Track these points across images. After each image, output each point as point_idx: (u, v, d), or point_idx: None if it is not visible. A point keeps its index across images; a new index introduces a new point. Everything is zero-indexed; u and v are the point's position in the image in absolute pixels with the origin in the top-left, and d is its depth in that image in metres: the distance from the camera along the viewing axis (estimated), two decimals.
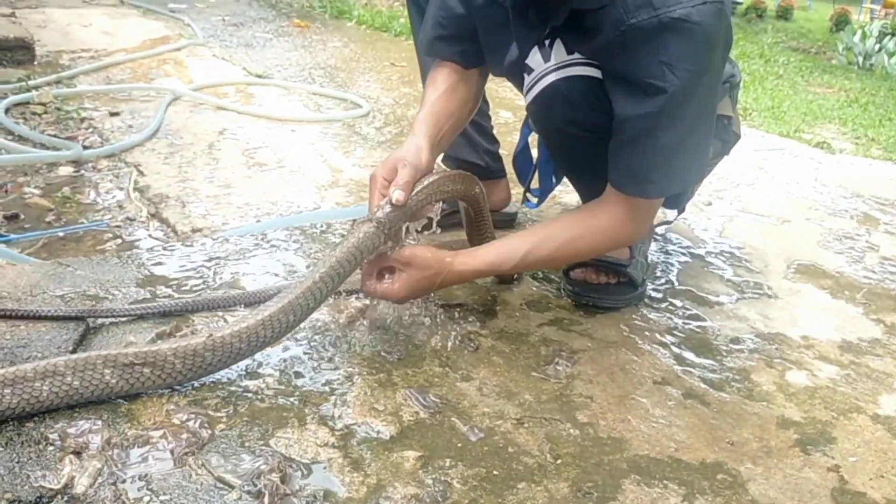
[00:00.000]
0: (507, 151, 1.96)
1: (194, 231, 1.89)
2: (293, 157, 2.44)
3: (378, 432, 1.13)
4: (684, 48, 1.21)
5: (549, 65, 1.35)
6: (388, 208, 1.27)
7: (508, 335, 1.42)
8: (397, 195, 1.25)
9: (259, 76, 3.40)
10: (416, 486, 1.03)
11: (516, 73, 1.41)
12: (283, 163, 2.39)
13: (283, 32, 4.65)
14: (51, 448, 1.03)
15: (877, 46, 8.02)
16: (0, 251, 1.57)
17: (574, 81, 1.34)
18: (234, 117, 2.81)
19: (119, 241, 1.86)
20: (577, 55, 1.33)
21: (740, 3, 11.96)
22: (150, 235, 1.90)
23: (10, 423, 1.06)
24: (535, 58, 1.36)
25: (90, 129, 2.56)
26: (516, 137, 2.75)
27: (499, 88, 3.29)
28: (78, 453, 1.03)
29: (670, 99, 1.23)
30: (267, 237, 1.75)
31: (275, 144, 2.55)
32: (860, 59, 7.98)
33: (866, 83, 6.40)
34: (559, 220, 1.50)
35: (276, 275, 1.57)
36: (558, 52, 1.34)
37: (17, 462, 1.00)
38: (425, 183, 1.31)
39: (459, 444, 1.12)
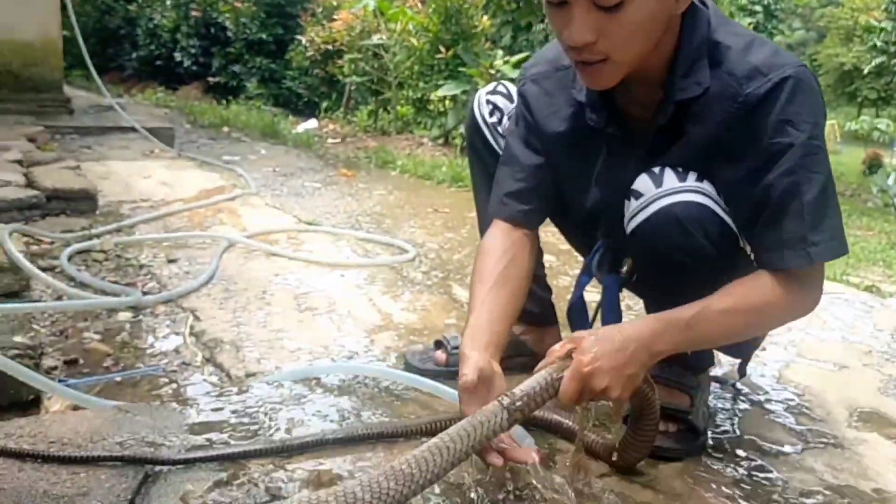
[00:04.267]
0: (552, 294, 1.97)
1: (248, 376, 1.90)
2: (343, 302, 2.48)
3: None
4: (800, 103, 1.30)
5: (662, 190, 1.37)
6: (520, 402, 1.24)
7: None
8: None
9: (309, 223, 3.52)
10: None
11: (604, 208, 1.46)
12: (333, 307, 2.43)
13: (331, 181, 4.85)
14: None
15: None
16: (68, 392, 1.59)
17: (690, 207, 1.36)
18: (286, 263, 2.89)
19: (175, 385, 1.89)
20: (690, 182, 1.37)
21: None
22: (204, 380, 1.92)
23: None
24: (643, 183, 1.39)
25: (149, 276, 2.65)
26: (562, 281, 2.79)
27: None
28: None
29: (802, 151, 1.30)
30: (320, 382, 1.76)
31: (325, 289, 2.61)
32: None
33: None
34: (740, 293, 1.36)
35: (332, 420, 1.57)
36: (670, 179, 1.38)
37: None
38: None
39: None
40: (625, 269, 1.50)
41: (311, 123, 8.23)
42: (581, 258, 1.80)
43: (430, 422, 1.51)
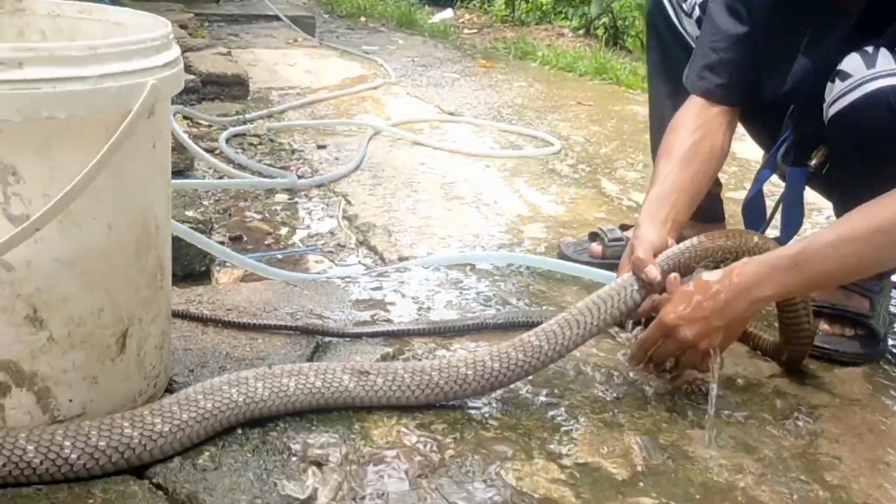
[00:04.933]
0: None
1: (401, 259, 1.93)
2: (489, 192, 2.46)
3: (610, 474, 1.08)
4: None
5: (874, 71, 1.24)
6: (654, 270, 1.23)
7: (738, 385, 1.34)
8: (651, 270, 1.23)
9: (451, 114, 3.49)
10: None
11: (802, 88, 1.34)
12: (479, 197, 2.41)
13: (469, 72, 4.76)
14: (294, 458, 1.06)
15: None
16: (248, 262, 1.68)
17: None
18: (430, 152, 2.88)
19: (331, 266, 1.94)
20: None
21: None
22: (359, 262, 1.97)
23: (256, 431, 1.11)
24: (853, 63, 1.26)
25: (301, 161, 2.72)
26: (730, 180, 2.65)
27: None
28: (319, 465, 1.06)
29: None
30: (475, 269, 1.77)
31: (471, 179, 2.59)
32: None
33: None
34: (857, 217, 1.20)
35: (489, 306, 1.57)
36: (885, 60, 1.24)
37: (265, 469, 1.04)
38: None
39: (698, 496, 1.06)
40: (814, 160, 1.38)
41: (447, 13, 8.05)
42: (762, 152, 1.68)
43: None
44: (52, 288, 0.96)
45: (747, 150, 2.73)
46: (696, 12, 1.58)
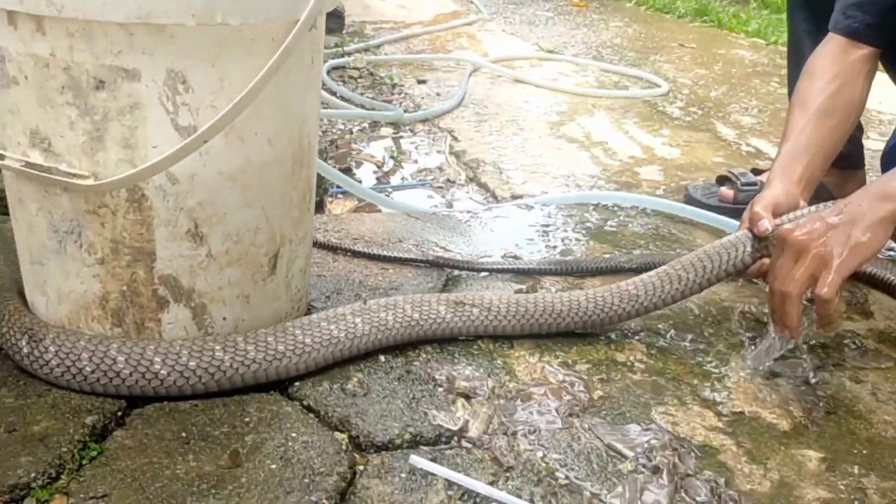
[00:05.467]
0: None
1: (514, 197, 1.88)
2: (598, 132, 2.37)
3: (769, 425, 1.03)
4: None
5: None
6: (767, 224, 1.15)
7: (892, 339, 1.26)
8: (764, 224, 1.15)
9: (550, 52, 3.38)
10: (827, 489, 0.93)
11: None
12: (589, 137, 2.33)
13: (563, 11, 4.61)
14: (440, 389, 1.04)
15: None
16: (374, 195, 1.66)
17: None
18: (532, 90, 2.80)
19: (442, 200, 1.91)
20: None
21: None
22: (471, 198, 1.92)
23: (399, 360, 1.09)
24: None
25: (402, 95, 2.67)
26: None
27: None
28: (467, 397, 1.03)
29: None
30: (598, 208, 1.70)
31: (578, 119, 2.51)
32: None
33: None
34: None
35: (621, 248, 1.52)
36: None
37: (413, 398, 1.02)
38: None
39: (865, 452, 1.00)
40: None
41: None
42: None
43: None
44: (214, 202, 0.94)
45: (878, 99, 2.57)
46: None
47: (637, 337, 1.20)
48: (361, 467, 0.91)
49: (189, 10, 0.83)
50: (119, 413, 0.95)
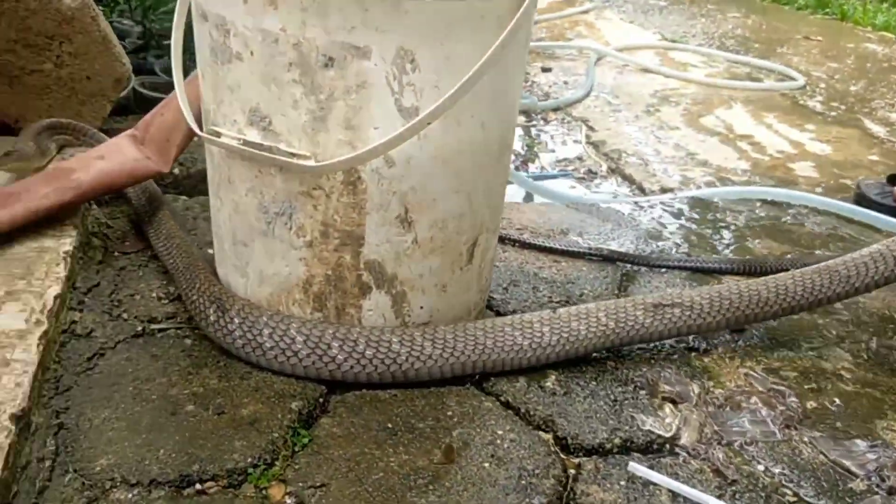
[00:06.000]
0: None
1: (663, 190, 1.80)
2: (740, 125, 2.27)
3: None
4: None
5: None
6: None
7: None
8: None
9: (674, 41, 3.26)
10: None
11: None
12: (731, 130, 2.23)
13: (675, 1, 4.46)
14: (642, 392, 0.99)
15: None
16: (527, 182, 1.61)
17: None
18: (662, 80, 2.70)
19: (586, 191, 1.85)
20: None
21: None
22: (615, 190, 1.86)
23: (590, 362, 1.04)
24: None
25: (528, 83, 2.61)
26: None
27: None
28: (674, 403, 0.97)
29: None
30: (766, 205, 1.62)
31: (715, 111, 2.40)
32: None
33: None
34: None
35: (800, 248, 1.43)
36: None
37: (615, 400, 0.97)
38: None
39: None
40: None
41: None
42: None
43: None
44: (426, 187, 0.90)
45: None
46: None
47: (841, 345, 1.12)
48: (573, 471, 0.86)
49: None
50: (321, 399, 0.93)
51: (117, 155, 1.13)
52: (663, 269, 1.30)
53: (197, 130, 0.93)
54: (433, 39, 0.83)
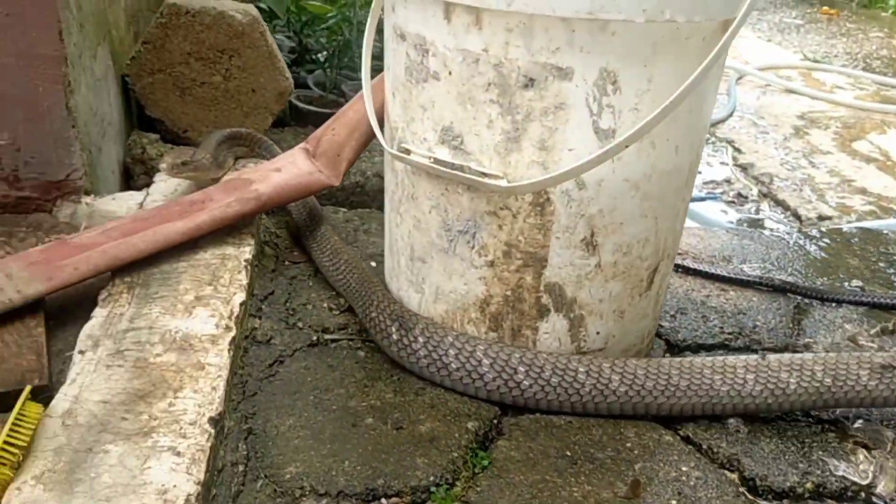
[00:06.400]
0: None
1: (821, 219, 1.71)
2: None
3: None
4: None
5: None
6: None
7: None
8: None
9: (816, 61, 3.12)
10: None
11: None
12: (888, 157, 2.10)
13: (812, 19, 4.28)
14: (831, 434, 0.93)
15: None
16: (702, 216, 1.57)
17: None
18: (808, 102, 2.58)
19: (738, 216, 1.78)
20: None
21: None
22: (769, 216, 1.78)
23: None
24: None
25: None
26: None
27: None
28: (867, 448, 0.91)
29: None
30: None
31: (868, 136, 2.27)
32: None
33: None
34: None
35: None
36: None
37: (801, 441, 0.91)
38: None
39: None
40: None
41: None
42: None
43: None
44: (614, 211, 0.88)
45: None
46: None
47: None
48: None
49: (641, 5, 0.77)
50: (495, 420, 0.92)
51: (292, 167, 1.16)
52: (837, 304, 1.23)
53: (387, 148, 0.94)
54: (637, 61, 0.81)
